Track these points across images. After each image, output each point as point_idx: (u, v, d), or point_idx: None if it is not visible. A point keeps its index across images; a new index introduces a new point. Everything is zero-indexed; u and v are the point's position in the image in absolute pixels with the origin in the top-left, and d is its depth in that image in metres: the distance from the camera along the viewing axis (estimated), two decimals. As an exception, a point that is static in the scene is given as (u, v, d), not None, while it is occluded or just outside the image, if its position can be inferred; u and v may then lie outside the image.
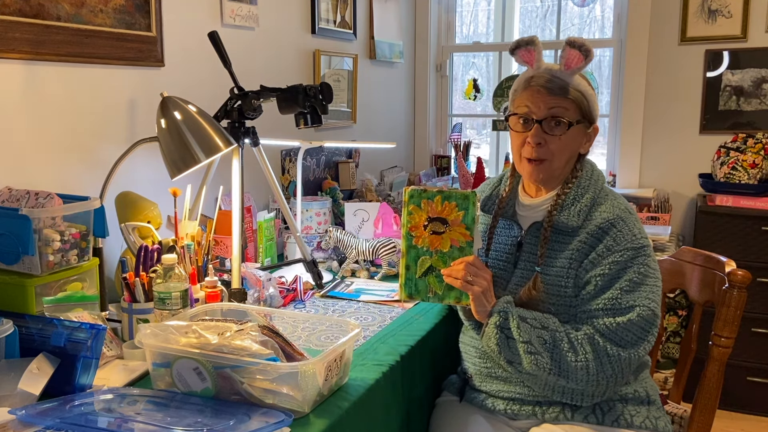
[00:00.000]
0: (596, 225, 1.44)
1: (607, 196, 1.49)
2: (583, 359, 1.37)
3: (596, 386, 1.39)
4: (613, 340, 1.38)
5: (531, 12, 3.97)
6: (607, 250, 1.41)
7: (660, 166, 3.36)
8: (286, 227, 2.39)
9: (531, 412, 1.48)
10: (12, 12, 1.58)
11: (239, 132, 1.80)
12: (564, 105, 1.44)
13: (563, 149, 1.46)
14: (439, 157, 3.89)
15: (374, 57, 3.32)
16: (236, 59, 1.90)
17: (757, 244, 2.85)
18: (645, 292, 1.40)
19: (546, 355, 1.38)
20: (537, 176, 1.50)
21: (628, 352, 1.38)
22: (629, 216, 1.46)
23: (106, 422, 1.09)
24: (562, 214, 1.47)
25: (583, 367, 1.37)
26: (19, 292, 1.40)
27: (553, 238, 1.48)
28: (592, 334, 1.39)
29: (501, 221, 1.58)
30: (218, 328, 1.22)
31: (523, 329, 1.39)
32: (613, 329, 1.38)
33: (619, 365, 1.38)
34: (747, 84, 3.14)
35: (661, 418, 1.48)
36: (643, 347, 1.39)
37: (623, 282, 1.40)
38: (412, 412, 1.58)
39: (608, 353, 1.37)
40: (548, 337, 1.39)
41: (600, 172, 1.55)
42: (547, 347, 1.38)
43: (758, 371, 2.93)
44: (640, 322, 1.38)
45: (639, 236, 1.43)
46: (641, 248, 1.42)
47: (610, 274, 1.40)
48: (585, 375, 1.37)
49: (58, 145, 1.74)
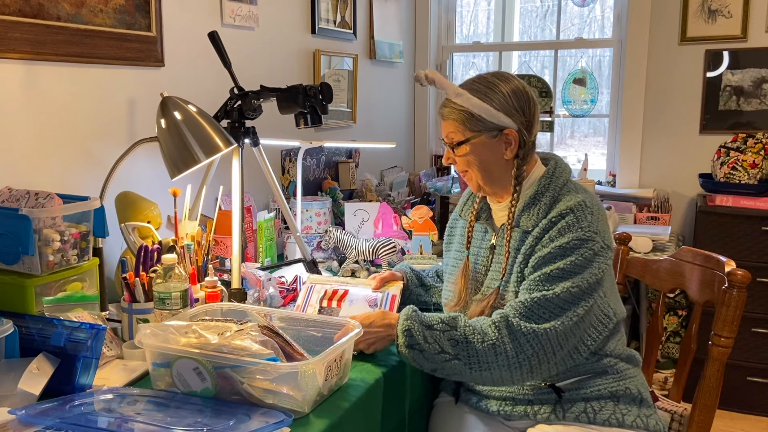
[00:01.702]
0: (548, 219, 1.45)
1: (568, 193, 1.49)
2: (499, 342, 1.37)
3: (521, 367, 1.38)
4: (529, 317, 1.38)
5: (531, 12, 3.97)
6: (550, 239, 1.43)
7: (660, 166, 3.36)
8: (286, 227, 2.39)
9: (523, 412, 1.49)
10: (12, 12, 1.58)
11: (239, 132, 1.80)
12: (451, 127, 1.52)
13: (471, 164, 1.51)
14: (439, 157, 3.88)
15: (374, 57, 3.32)
16: (236, 59, 1.90)
17: (757, 244, 2.85)
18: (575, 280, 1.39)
19: (463, 355, 1.38)
20: (473, 189, 1.58)
21: (543, 327, 1.37)
22: (583, 209, 1.44)
23: (106, 422, 1.09)
24: (522, 216, 1.49)
25: (501, 351, 1.37)
26: (19, 292, 1.40)
27: (518, 238, 1.50)
28: (506, 315, 1.40)
29: (478, 225, 1.62)
30: (218, 328, 1.22)
31: (431, 339, 1.40)
32: (528, 306, 1.39)
33: (537, 342, 1.37)
34: (747, 84, 3.14)
35: (652, 416, 1.49)
36: (562, 321, 1.38)
37: (554, 267, 1.40)
38: (412, 412, 1.58)
39: (522, 331, 1.37)
40: (459, 335, 1.40)
41: (564, 167, 1.54)
42: (461, 347, 1.39)
43: (758, 371, 2.93)
44: (557, 300, 1.38)
45: (587, 228, 1.42)
46: (585, 240, 1.41)
47: (545, 257, 1.41)
48: (505, 358, 1.37)
49: (58, 145, 1.74)
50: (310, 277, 1.83)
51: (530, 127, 1.50)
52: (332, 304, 1.71)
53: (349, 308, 1.70)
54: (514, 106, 1.47)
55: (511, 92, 1.48)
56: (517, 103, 1.48)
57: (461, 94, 1.47)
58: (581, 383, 1.47)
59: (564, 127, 3.90)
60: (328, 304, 1.71)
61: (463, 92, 1.47)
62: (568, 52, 3.74)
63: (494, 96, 1.47)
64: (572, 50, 3.72)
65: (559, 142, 3.89)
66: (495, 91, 1.47)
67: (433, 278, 1.84)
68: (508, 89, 1.48)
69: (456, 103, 1.48)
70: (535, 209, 1.48)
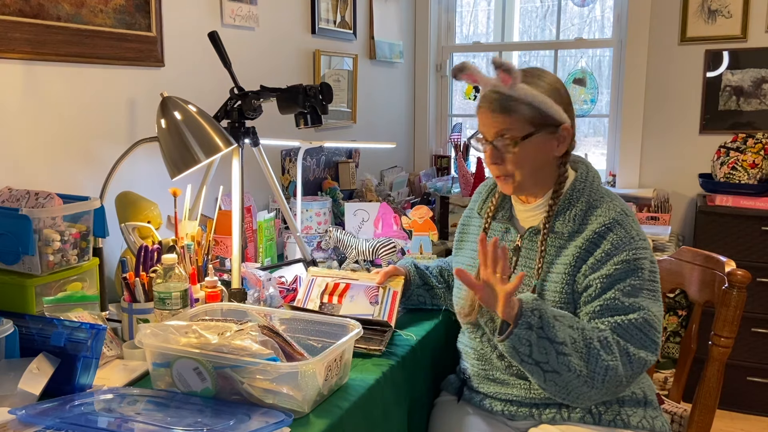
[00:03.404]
0: (593, 230, 1.41)
1: (602, 198, 1.46)
2: (614, 360, 1.34)
3: (616, 389, 1.37)
4: (630, 341, 1.36)
5: (531, 12, 3.97)
6: (606, 255, 1.39)
7: (660, 166, 3.36)
8: (286, 227, 2.39)
9: (528, 413, 1.48)
10: (12, 12, 1.58)
11: (239, 132, 1.80)
12: (510, 121, 1.39)
13: (522, 163, 1.42)
14: (439, 157, 3.89)
15: (374, 57, 3.32)
16: (236, 59, 1.90)
17: (757, 244, 2.85)
18: (645, 294, 1.39)
19: (576, 356, 1.32)
20: (508, 191, 1.49)
21: (647, 352, 1.36)
22: (626, 218, 1.43)
23: (106, 422, 1.09)
24: (557, 221, 1.45)
25: (614, 367, 1.34)
26: (19, 292, 1.40)
27: (551, 243, 1.46)
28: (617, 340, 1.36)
29: (497, 225, 1.57)
30: (218, 328, 1.22)
31: (558, 328, 1.32)
32: (625, 327, 1.36)
33: (639, 365, 1.36)
34: (747, 84, 3.14)
35: (657, 417, 1.48)
36: (656, 349, 1.38)
37: (624, 285, 1.38)
38: (412, 412, 1.58)
39: (629, 353, 1.35)
40: (578, 336, 1.34)
41: (595, 173, 1.51)
42: (577, 347, 1.33)
43: (758, 371, 2.93)
44: (645, 325, 1.37)
45: (637, 238, 1.41)
46: (640, 250, 1.40)
47: (610, 276, 1.38)
48: (614, 375, 1.34)
49: (59, 145, 1.74)
50: (311, 269, 1.82)
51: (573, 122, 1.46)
52: (333, 300, 1.71)
53: (350, 305, 1.69)
54: (564, 100, 1.42)
55: (559, 84, 1.43)
56: (566, 95, 1.43)
57: (520, 87, 1.36)
58: None
59: (564, 127, 3.90)
60: (329, 300, 1.71)
61: (521, 84, 1.36)
62: (568, 52, 3.74)
63: (548, 88, 1.39)
64: (572, 50, 3.72)
65: (559, 142, 3.89)
66: (546, 82, 1.40)
67: (437, 278, 1.78)
68: (555, 80, 1.42)
69: (511, 95, 1.37)
70: (570, 214, 1.44)
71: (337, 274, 1.78)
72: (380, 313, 1.67)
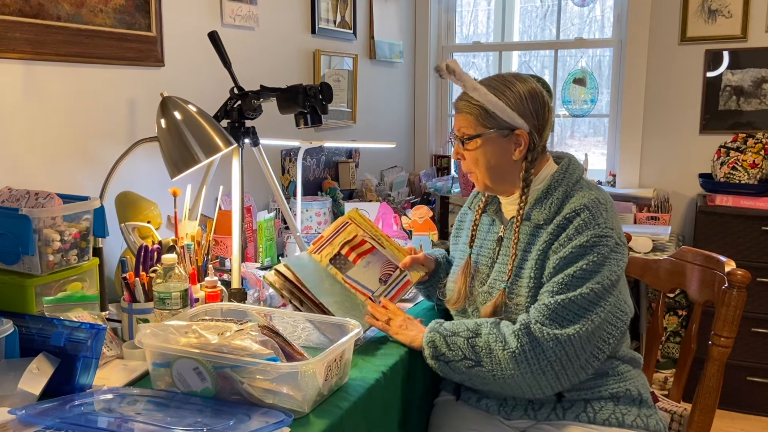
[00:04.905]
0: (563, 216, 1.45)
1: (581, 189, 1.49)
2: (519, 350, 1.38)
3: (545, 374, 1.39)
4: (553, 321, 1.38)
5: (531, 12, 3.97)
6: (568, 239, 1.42)
7: (660, 166, 3.36)
8: (286, 227, 2.39)
9: (523, 412, 1.50)
10: (12, 12, 1.58)
11: (239, 132, 1.80)
12: (464, 121, 1.51)
13: (477, 161, 1.51)
14: (439, 157, 3.89)
15: (374, 57, 3.32)
16: (236, 59, 1.90)
17: (757, 244, 2.85)
18: (597, 278, 1.40)
19: (486, 362, 1.41)
20: (478, 187, 1.60)
21: (567, 333, 1.37)
22: (598, 206, 1.45)
23: (106, 422, 1.09)
24: (534, 210, 1.49)
25: (523, 359, 1.38)
26: (19, 292, 1.40)
27: (525, 231, 1.50)
28: (528, 321, 1.40)
29: (486, 218, 1.64)
30: (218, 328, 1.22)
31: (453, 345, 1.44)
32: (552, 309, 1.38)
33: (560, 347, 1.37)
34: (747, 84, 3.14)
35: (652, 416, 1.49)
36: (583, 325, 1.38)
37: (576, 268, 1.40)
38: (412, 412, 1.58)
39: (544, 337, 1.37)
40: (482, 342, 1.42)
41: (577, 166, 1.55)
42: (484, 353, 1.41)
43: (758, 371, 2.93)
44: (581, 301, 1.38)
45: (603, 225, 1.42)
46: (602, 237, 1.41)
47: (566, 258, 1.41)
48: (527, 366, 1.38)
49: (58, 145, 1.74)
50: (350, 212, 1.77)
51: (541, 130, 1.50)
52: (350, 255, 1.69)
53: (361, 270, 1.68)
54: (529, 108, 1.48)
55: (527, 93, 1.48)
56: (532, 105, 1.48)
57: (478, 89, 1.46)
58: (582, 385, 1.47)
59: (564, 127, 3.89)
60: (347, 253, 1.69)
61: (480, 87, 1.46)
62: (568, 52, 3.74)
63: (510, 95, 1.47)
64: (572, 50, 3.72)
65: (559, 142, 3.90)
66: (512, 90, 1.48)
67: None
68: (525, 90, 1.48)
69: (472, 98, 1.48)
70: (547, 203, 1.48)
71: (371, 230, 1.75)
72: (383, 293, 1.68)
